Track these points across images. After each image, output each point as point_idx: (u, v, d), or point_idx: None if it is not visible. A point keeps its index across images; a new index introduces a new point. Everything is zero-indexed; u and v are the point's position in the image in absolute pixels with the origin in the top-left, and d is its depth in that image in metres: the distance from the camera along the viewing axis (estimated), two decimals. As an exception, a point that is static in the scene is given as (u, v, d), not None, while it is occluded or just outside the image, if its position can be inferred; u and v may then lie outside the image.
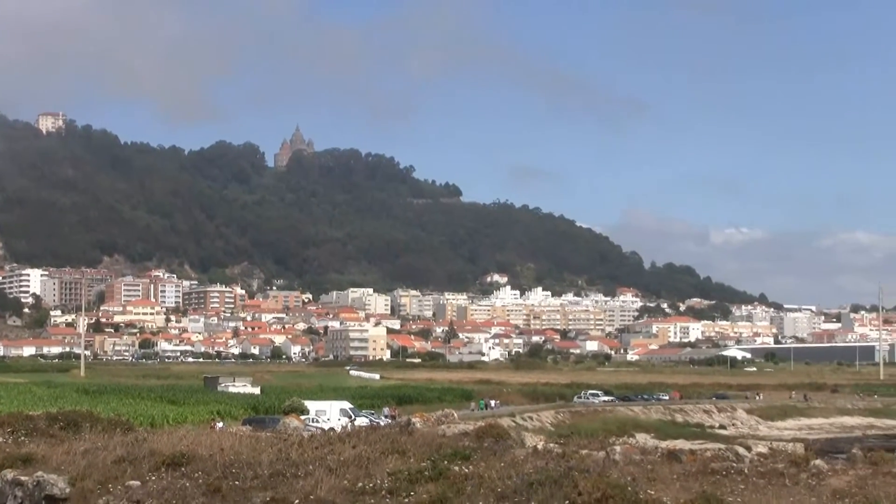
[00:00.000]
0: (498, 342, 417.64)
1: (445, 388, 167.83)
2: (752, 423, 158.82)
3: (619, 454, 32.50)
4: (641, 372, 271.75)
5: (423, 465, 25.87)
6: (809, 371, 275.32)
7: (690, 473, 27.91)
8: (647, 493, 21.50)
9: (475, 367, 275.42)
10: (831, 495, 25.33)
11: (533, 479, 22.50)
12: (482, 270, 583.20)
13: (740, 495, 24.16)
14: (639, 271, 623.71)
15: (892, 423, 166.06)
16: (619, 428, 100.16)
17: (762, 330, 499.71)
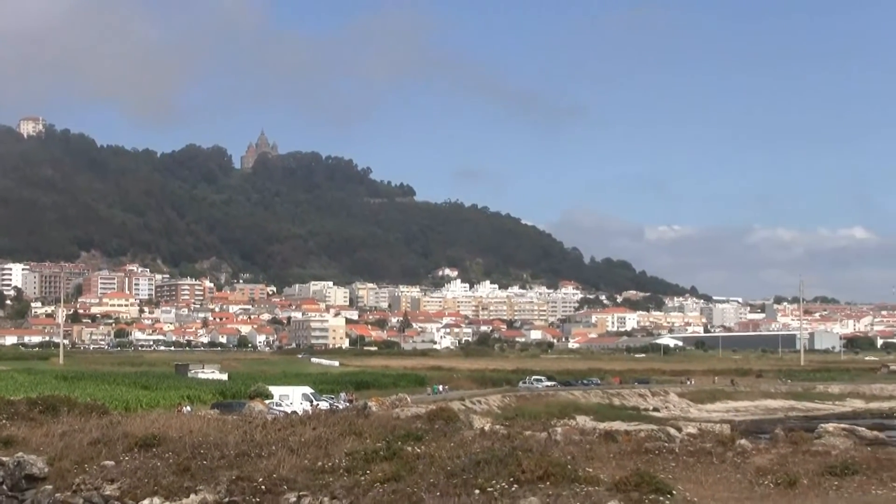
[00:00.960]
0: (449, 331, 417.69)
1: (400, 374, 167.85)
2: (683, 406, 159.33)
3: (559, 435, 32.59)
4: (582, 359, 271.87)
5: (378, 446, 25.88)
6: (736, 358, 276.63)
7: (626, 452, 28.02)
8: (585, 470, 21.56)
9: (428, 354, 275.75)
10: (755, 472, 25.47)
11: (480, 458, 22.50)
12: (434, 265, 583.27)
13: (671, 472, 24.25)
14: (579, 266, 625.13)
15: (812, 406, 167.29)
16: (561, 411, 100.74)
17: (693, 320, 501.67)
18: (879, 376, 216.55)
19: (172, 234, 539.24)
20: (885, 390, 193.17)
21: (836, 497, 22.48)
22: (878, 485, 23.53)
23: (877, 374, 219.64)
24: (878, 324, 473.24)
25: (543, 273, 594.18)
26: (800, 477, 24.56)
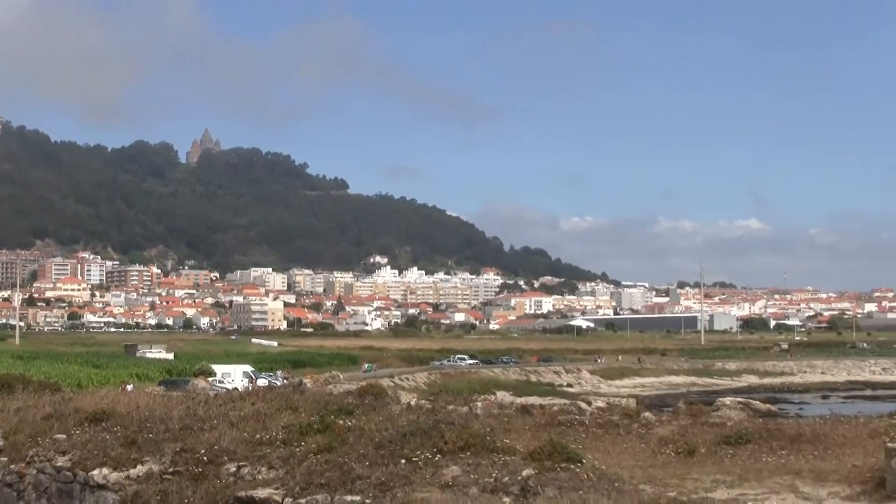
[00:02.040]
0: (379, 314, 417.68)
1: (334, 353, 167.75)
2: (594, 382, 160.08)
3: (480, 409, 32.69)
4: (501, 339, 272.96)
5: (312, 420, 25.84)
6: (643, 338, 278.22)
7: (540, 425, 28.16)
8: (503, 441, 21.63)
9: (360, 335, 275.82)
10: (658, 442, 25.68)
11: (406, 430, 22.52)
12: (366, 253, 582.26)
13: (582, 443, 24.41)
14: (499, 253, 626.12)
15: (711, 381, 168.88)
16: (483, 387, 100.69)
17: (603, 303, 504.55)
18: (772, 354, 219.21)
19: (122, 224, 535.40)
20: (777, 367, 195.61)
21: (730, 464, 22.71)
22: (768, 452, 23.81)
23: (770, 353, 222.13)
24: (771, 306, 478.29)
25: (466, 260, 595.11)
26: (698, 446, 24.79)
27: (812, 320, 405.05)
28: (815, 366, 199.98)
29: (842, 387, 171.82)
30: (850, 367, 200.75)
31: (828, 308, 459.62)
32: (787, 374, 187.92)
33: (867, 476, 19.69)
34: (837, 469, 21.10)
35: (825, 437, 25.34)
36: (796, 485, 19.95)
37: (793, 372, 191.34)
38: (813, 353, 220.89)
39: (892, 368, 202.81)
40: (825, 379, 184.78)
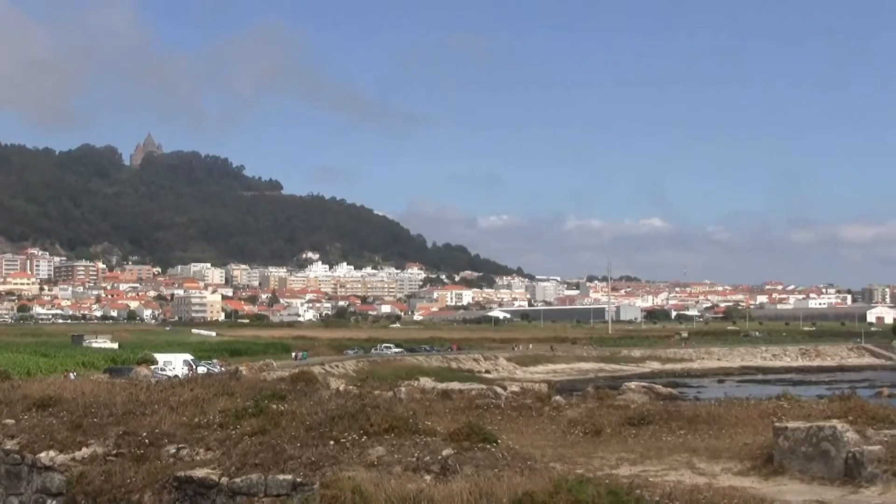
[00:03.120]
0: (311, 306, 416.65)
1: (269, 343, 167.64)
2: (510, 368, 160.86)
3: (403, 394, 32.66)
4: (425, 329, 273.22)
5: (247, 404, 25.70)
6: (555, 328, 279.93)
7: (459, 408, 28.19)
8: (424, 423, 21.64)
9: (293, 325, 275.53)
10: (567, 423, 25.82)
11: (335, 414, 22.48)
12: (299, 249, 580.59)
13: (497, 424, 24.46)
14: (423, 249, 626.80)
15: (617, 367, 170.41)
16: (407, 373, 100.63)
17: (519, 296, 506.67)
18: (673, 342, 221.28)
19: (69, 222, 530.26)
20: (678, 354, 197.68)
21: (633, 443, 22.90)
22: (668, 432, 24.04)
23: (671, 341, 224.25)
24: (673, 298, 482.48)
25: (392, 256, 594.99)
26: (604, 427, 24.97)
27: (709, 311, 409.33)
28: (712, 353, 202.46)
29: (736, 372, 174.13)
30: (744, 354, 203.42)
31: (723, 300, 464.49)
32: (686, 361, 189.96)
33: (757, 453, 19.93)
34: (730, 447, 21.34)
35: (720, 418, 25.62)
36: (693, 461, 20.16)
37: (692, 358, 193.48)
38: (710, 342, 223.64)
39: (781, 355, 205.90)
40: (721, 365, 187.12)
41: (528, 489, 12.12)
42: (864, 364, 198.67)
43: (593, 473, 15.76)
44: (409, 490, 12.64)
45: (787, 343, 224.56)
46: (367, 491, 12.31)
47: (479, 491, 12.35)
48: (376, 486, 12.88)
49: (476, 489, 12.45)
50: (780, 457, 18.94)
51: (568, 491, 11.84)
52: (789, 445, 18.86)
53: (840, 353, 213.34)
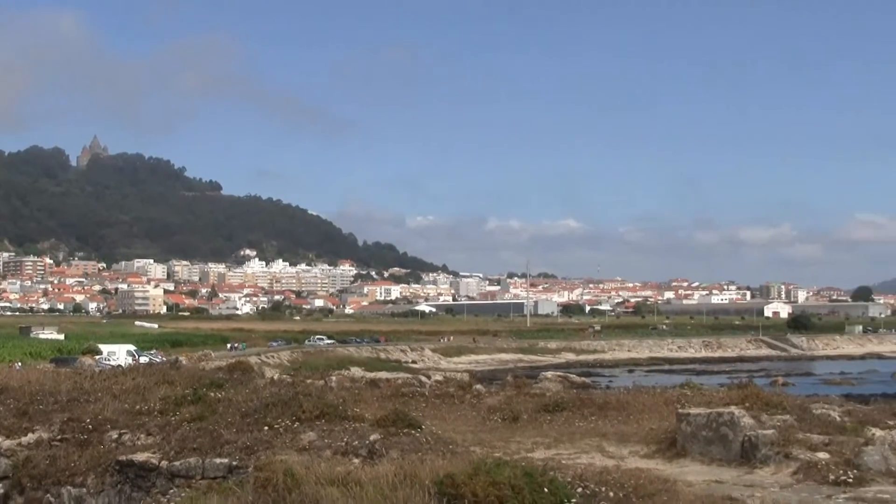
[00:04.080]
0: (248, 300, 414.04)
1: (208, 334, 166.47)
2: (435, 359, 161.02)
3: (334, 382, 32.66)
4: (356, 322, 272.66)
5: (186, 392, 25.54)
6: (477, 321, 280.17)
7: (386, 396, 28.25)
8: (353, 410, 21.63)
9: (231, 318, 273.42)
10: (487, 410, 25.92)
11: (269, 401, 22.40)
12: (237, 246, 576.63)
13: (422, 411, 24.52)
14: (354, 247, 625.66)
15: (535, 358, 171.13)
16: (338, 363, 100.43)
17: (444, 291, 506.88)
18: (587, 335, 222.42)
19: (18, 220, 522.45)
20: (591, 346, 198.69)
21: (548, 428, 23.04)
22: (580, 418, 24.22)
23: (585, 334, 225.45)
24: (587, 294, 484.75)
25: (325, 253, 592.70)
26: (521, 413, 25.09)
27: (620, 306, 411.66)
28: (623, 345, 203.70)
29: (644, 362, 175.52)
30: (652, 346, 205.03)
31: (634, 295, 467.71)
32: (599, 352, 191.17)
33: (661, 437, 20.12)
34: (637, 431, 21.53)
35: (628, 405, 25.83)
36: (603, 445, 20.32)
37: (604, 350, 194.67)
38: (621, 334, 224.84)
39: (686, 346, 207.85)
40: (631, 356, 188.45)
41: (449, 471, 12.15)
42: (762, 355, 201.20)
43: (510, 457, 15.84)
44: (338, 472, 12.62)
45: (692, 336, 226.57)
46: (298, 473, 12.26)
47: (403, 473, 12.36)
48: (307, 468, 12.84)
49: (400, 471, 12.46)
50: (683, 441, 19.14)
51: (486, 473, 11.87)
52: (691, 430, 19.06)
53: (739, 345, 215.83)
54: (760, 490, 15.22)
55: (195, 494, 12.70)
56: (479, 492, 11.59)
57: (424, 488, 11.78)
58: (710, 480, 16.30)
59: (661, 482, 14.15)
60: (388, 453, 17.24)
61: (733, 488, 15.45)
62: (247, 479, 13.36)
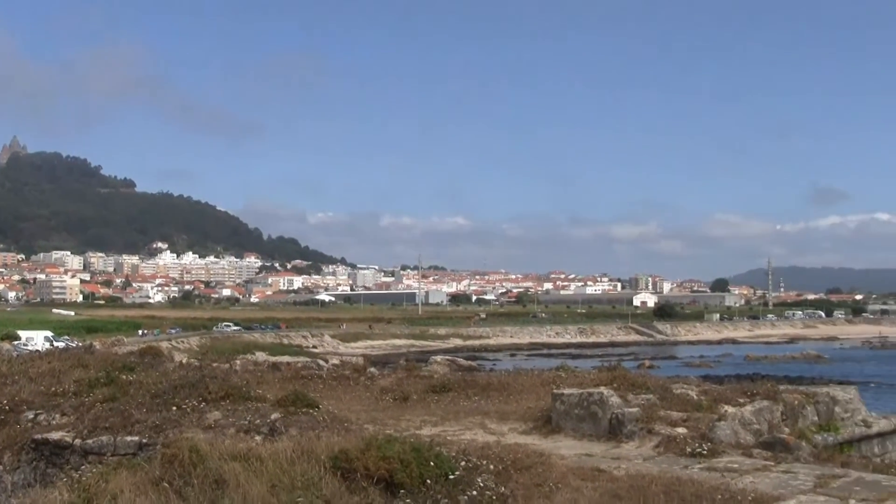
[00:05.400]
0: (160, 290, 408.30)
1: (122, 322, 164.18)
2: (334, 344, 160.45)
3: (239, 366, 32.39)
4: (260, 310, 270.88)
5: (99, 375, 25.08)
6: (373, 310, 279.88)
7: (287, 378, 28.09)
8: (256, 391, 21.45)
9: (144, 307, 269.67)
10: (379, 391, 25.93)
11: (177, 383, 22.11)
12: (150, 239, 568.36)
13: (320, 392, 24.44)
14: (259, 241, 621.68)
15: (426, 343, 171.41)
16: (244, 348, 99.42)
17: (342, 282, 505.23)
18: (473, 322, 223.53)
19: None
20: (477, 332, 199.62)
21: (435, 407, 23.12)
22: (464, 398, 24.33)
23: (471, 321, 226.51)
24: (473, 285, 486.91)
25: (232, 246, 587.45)
26: (411, 394, 25.13)
27: (504, 296, 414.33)
28: (506, 331, 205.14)
29: (525, 347, 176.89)
30: (532, 332, 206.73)
31: (516, 286, 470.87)
32: (484, 338, 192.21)
33: (538, 415, 20.31)
34: (516, 410, 21.70)
35: (508, 386, 26.01)
36: (485, 423, 20.43)
37: (489, 336, 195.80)
38: (504, 322, 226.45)
39: (563, 333, 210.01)
40: (513, 341, 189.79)
41: (344, 447, 12.14)
42: (631, 341, 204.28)
43: (400, 433, 15.87)
44: (240, 448, 12.52)
45: (568, 323, 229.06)
46: (203, 449, 12.13)
47: (301, 449, 12.31)
48: (211, 445, 12.72)
49: (298, 447, 12.41)
50: (557, 418, 19.35)
51: (377, 448, 11.89)
52: (565, 409, 19.28)
53: (611, 331, 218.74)
54: (626, 462, 15.44)
55: (106, 470, 12.48)
56: (371, 465, 11.60)
57: (320, 463, 11.76)
58: (582, 454, 16.50)
59: (537, 456, 14.28)
60: (287, 431, 17.16)
61: (601, 461, 15.66)
62: (155, 456, 13.18)
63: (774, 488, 13.16)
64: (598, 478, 13.57)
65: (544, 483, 12.73)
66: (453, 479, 11.92)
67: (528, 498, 12.00)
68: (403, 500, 11.23)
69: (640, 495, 12.24)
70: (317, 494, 10.93)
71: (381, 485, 11.44)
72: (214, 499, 10.69)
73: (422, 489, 11.52)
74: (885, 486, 13.32)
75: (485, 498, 11.69)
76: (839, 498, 12.55)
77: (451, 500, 11.42)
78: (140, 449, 18.32)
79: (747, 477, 14.01)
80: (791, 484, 13.51)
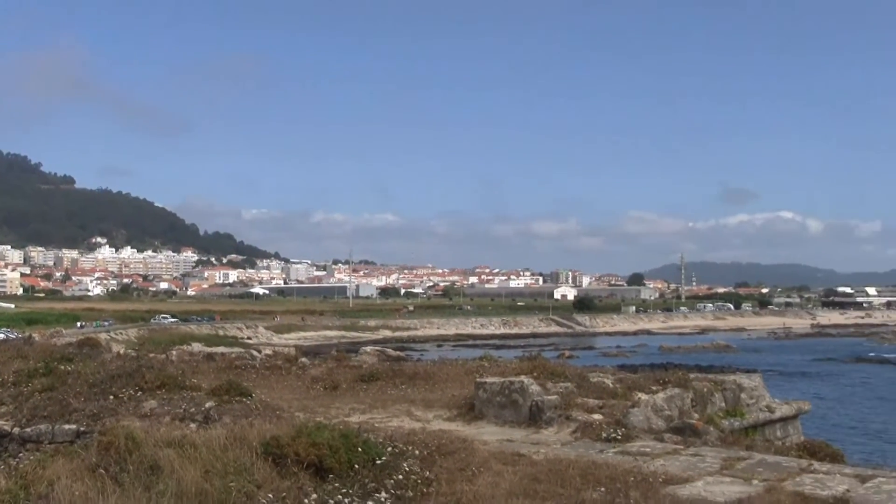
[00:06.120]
0: (99, 283, 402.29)
1: (61, 314, 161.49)
2: (268, 335, 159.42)
3: (175, 356, 32.08)
4: (197, 303, 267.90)
5: (38, 365, 24.70)
6: (306, 302, 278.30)
7: (221, 368, 27.87)
8: (191, 381, 21.26)
9: (83, 299, 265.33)
10: (310, 380, 25.84)
11: (115, 373, 21.84)
12: (89, 234, 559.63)
13: (253, 381, 24.28)
14: (196, 236, 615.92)
15: (357, 335, 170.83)
16: (181, 339, 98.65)
17: (276, 276, 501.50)
18: (402, 314, 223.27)
19: None
20: (405, 324, 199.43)
21: (364, 396, 23.09)
22: (392, 387, 24.34)
23: (400, 313, 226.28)
24: (402, 279, 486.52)
25: (170, 241, 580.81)
26: (341, 383, 25.07)
27: (431, 289, 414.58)
28: (433, 323, 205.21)
29: (452, 338, 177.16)
30: (458, 324, 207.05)
31: (442, 280, 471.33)
32: (412, 329, 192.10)
33: (462, 402, 20.37)
34: (441, 398, 21.74)
35: (434, 375, 26.05)
36: (411, 410, 20.44)
37: (416, 327, 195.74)
38: (431, 314, 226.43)
39: (487, 324, 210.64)
40: (440, 332, 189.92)
41: (275, 434, 12.07)
42: (552, 332, 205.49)
43: (330, 421, 15.82)
44: (175, 436, 12.39)
45: (492, 315, 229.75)
46: (139, 437, 11.98)
47: (233, 436, 12.21)
48: (147, 432, 12.56)
49: (231, 434, 12.31)
50: (480, 406, 19.41)
51: (307, 435, 11.83)
52: (487, 397, 19.34)
53: (533, 323, 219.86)
54: (545, 447, 15.54)
55: (43, 457, 12.27)
56: (301, 451, 11.55)
57: (252, 449, 11.68)
58: (503, 439, 16.57)
59: (460, 441, 14.32)
60: (221, 419, 17.02)
61: (522, 446, 15.74)
62: (92, 443, 12.98)
63: (684, 470, 13.33)
64: (519, 462, 13.64)
65: (467, 467, 12.77)
66: (380, 464, 11.92)
67: (452, 482, 12.03)
68: (332, 484, 11.20)
69: (558, 478, 12.34)
70: (249, 479, 10.85)
71: (310, 470, 11.40)
72: (149, 484, 10.56)
73: (350, 474, 11.50)
74: (786, 466, 13.59)
75: (410, 482, 11.71)
76: (743, 478, 12.76)
77: (378, 484, 11.42)
78: (77, 437, 18.06)
79: (658, 460, 14.18)
80: (699, 466, 13.70)
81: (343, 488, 11.07)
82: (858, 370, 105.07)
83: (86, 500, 9.85)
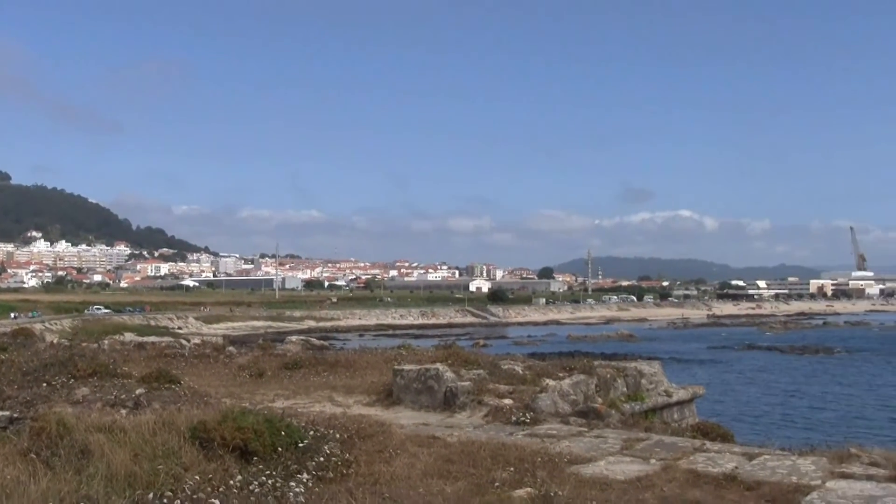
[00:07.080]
0: (35, 275, 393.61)
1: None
2: (198, 325, 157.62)
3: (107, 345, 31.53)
4: (130, 295, 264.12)
5: (-29, 355, 24.08)
6: (234, 294, 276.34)
7: (152, 356, 27.48)
8: (122, 369, 20.90)
9: (19, 291, 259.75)
10: (237, 368, 25.62)
11: (48, 361, 21.38)
12: (25, 229, 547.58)
13: (182, 369, 23.99)
14: (129, 231, 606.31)
15: (283, 325, 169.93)
16: (114, 329, 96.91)
17: (206, 269, 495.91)
18: (326, 306, 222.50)
19: None
20: (329, 315, 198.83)
21: (288, 383, 22.96)
22: (315, 374, 24.25)
23: (324, 305, 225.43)
24: (326, 272, 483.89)
25: (103, 236, 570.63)
26: (266, 370, 24.89)
27: (354, 282, 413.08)
28: (355, 314, 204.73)
29: (373, 328, 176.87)
30: (379, 315, 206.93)
31: (364, 273, 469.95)
32: (335, 320, 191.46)
33: (381, 389, 20.36)
34: (361, 385, 21.70)
35: (355, 363, 26.00)
36: (333, 396, 20.38)
37: (340, 318, 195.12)
38: (354, 305, 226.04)
39: (406, 315, 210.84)
40: (362, 323, 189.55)
41: (202, 419, 11.94)
42: (467, 322, 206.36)
43: (255, 406, 15.70)
44: (106, 421, 12.18)
45: (411, 307, 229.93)
46: (70, 422, 11.76)
47: (162, 421, 12.06)
48: (78, 418, 12.34)
49: (160, 419, 12.15)
50: (398, 392, 19.41)
51: (233, 420, 11.73)
52: (404, 383, 19.35)
53: (450, 314, 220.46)
54: (458, 430, 15.59)
55: (-24, 443, 11.96)
56: (227, 435, 11.45)
57: (180, 433, 11.54)
58: (419, 423, 16.60)
59: (378, 425, 14.31)
60: (150, 405, 16.77)
61: (437, 429, 15.78)
62: (24, 429, 12.71)
63: (587, 451, 13.48)
64: (434, 444, 13.68)
65: (385, 449, 12.78)
66: (302, 447, 11.87)
67: (371, 463, 12.03)
68: (256, 466, 11.14)
69: (471, 459, 12.40)
70: (176, 462, 10.73)
71: (236, 453, 11.31)
72: (80, 468, 10.38)
73: (273, 456, 11.44)
74: (681, 446, 13.83)
75: (331, 463, 11.69)
76: (642, 458, 12.95)
77: (301, 466, 11.38)
78: (10, 423, 17.63)
79: (564, 442, 14.31)
80: (601, 447, 13.86)
81: (267, 470, 11.01)
82: (749, 357, 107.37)
83: (17, 484, 9.64)
